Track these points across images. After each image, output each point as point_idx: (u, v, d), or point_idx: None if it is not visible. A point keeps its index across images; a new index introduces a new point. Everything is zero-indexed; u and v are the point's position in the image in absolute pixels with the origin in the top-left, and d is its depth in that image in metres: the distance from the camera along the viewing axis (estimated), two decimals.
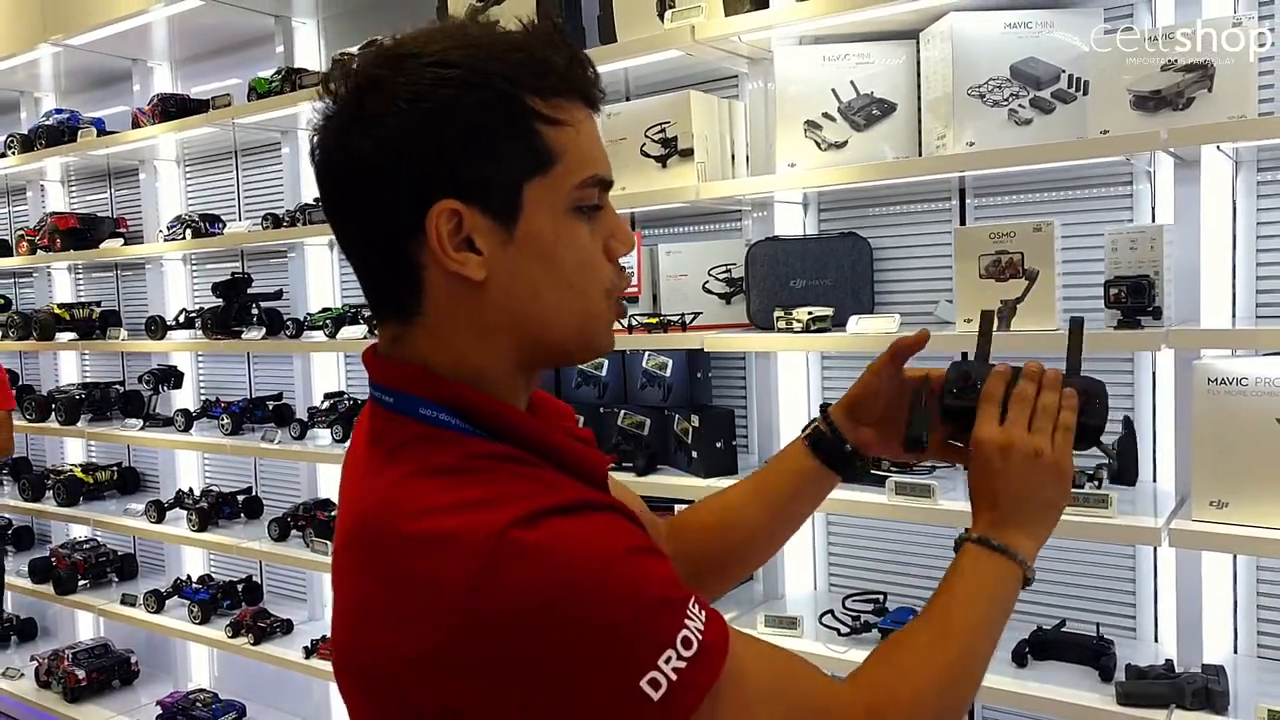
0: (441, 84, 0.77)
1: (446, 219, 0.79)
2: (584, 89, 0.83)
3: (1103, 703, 1.88)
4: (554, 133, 0.80)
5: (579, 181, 0.82)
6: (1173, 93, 1.83)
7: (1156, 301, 1.85)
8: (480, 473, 0.77)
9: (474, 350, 0.83)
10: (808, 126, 2.26)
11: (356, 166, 0.80)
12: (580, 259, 0.83)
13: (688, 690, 0.70)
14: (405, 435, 0.82)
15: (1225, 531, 1.76)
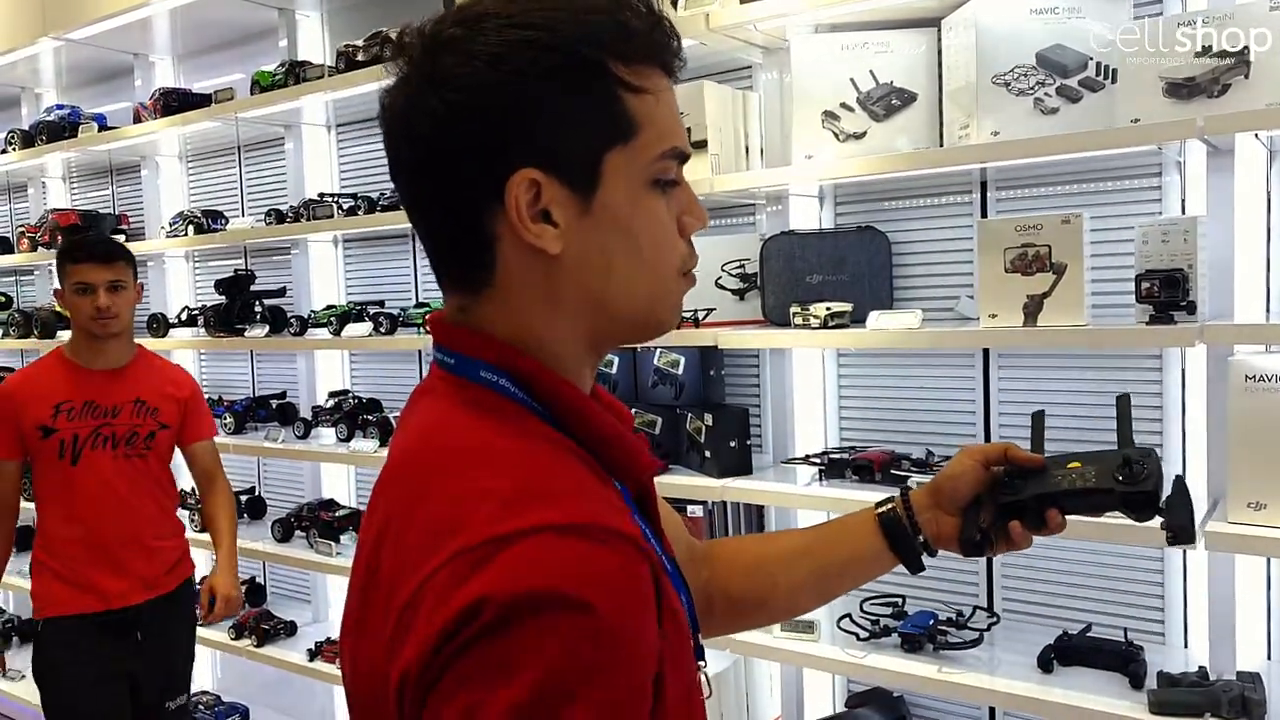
0: (523, 45, 0.73)
1: (526, 189, 0.74)
2: (666, 57, 0.79)
3: (1134, 711, 1.82)
4: (636, 101, 0.76)
5: (659, 153, 0.78)
6: (1208, 79, 1.77)
7: (1190, 295, 1.79)
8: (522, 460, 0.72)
9: (542, 324, 0.79)
10: (825, 117, 2.20)
11: (429, 130, 0.75)
12: (656, 234, 0.79)
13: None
14: (460, 393, 0.79)
15: (1265, 535, 1.70)
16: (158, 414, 2.70)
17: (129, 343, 2.75)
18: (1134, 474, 0.99)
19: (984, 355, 2.31)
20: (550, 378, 0.78)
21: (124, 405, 2.65)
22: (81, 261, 2.58)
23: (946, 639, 2.12)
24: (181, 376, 2.84)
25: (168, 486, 2.81)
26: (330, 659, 3.13)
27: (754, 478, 2.34)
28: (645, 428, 2.54)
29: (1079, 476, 1.01)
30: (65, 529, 2.62)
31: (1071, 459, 1.04)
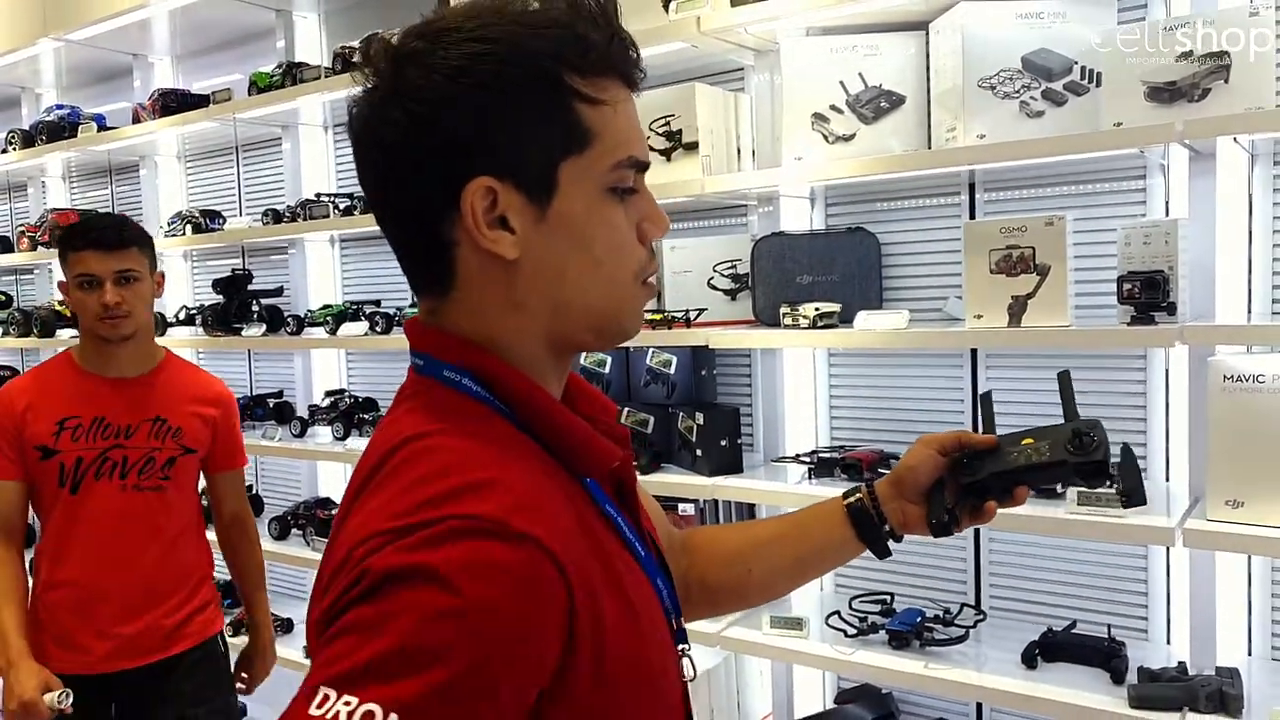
0: (481, 58, 0.76)
1: (482, 196, 0.78)
2: (624, 68, 0.82)
3: (1114, 705, 1.84)
4: (592, 112, 0.79)
5: (615, 162, 0.81)
6: (1188, 84, 1.79)
7: (1170, 297, 1.82)
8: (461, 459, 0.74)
9: (504, 327, 0.82)
10: (815, 119, 2.22)
11: (392, 139, 0.79)
12: (612, 240, 0.82)
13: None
14: (426, 394, 0.82)
15: (1241, 531, 1.73)
16: (181, 435, 2.23)
17: (149, 346, 2.28)
18: (1084, 444, 1.03)
19: (972, 355, 2.33)
20: (511, 376, 0.81)
21: (140, 424, 2.19)
22: (83, 249, 2.14)
23: (933, 636, 2.15)
24: (215, 390, 2.36)
25: (189, 525, 2.30)
26: None
27: (744, 476, 2.37)
28: (638, 426, 2.57)
29: (1033, 452, 1.06)
30: (54, 571, 2.17)
31: (1024, 436, 1.08)
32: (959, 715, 2.40)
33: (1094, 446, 1.03)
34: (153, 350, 2.30)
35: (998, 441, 1.09)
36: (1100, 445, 1.04)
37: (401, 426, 0.80)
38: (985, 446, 1.09)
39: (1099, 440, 1.04)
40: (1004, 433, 1.11)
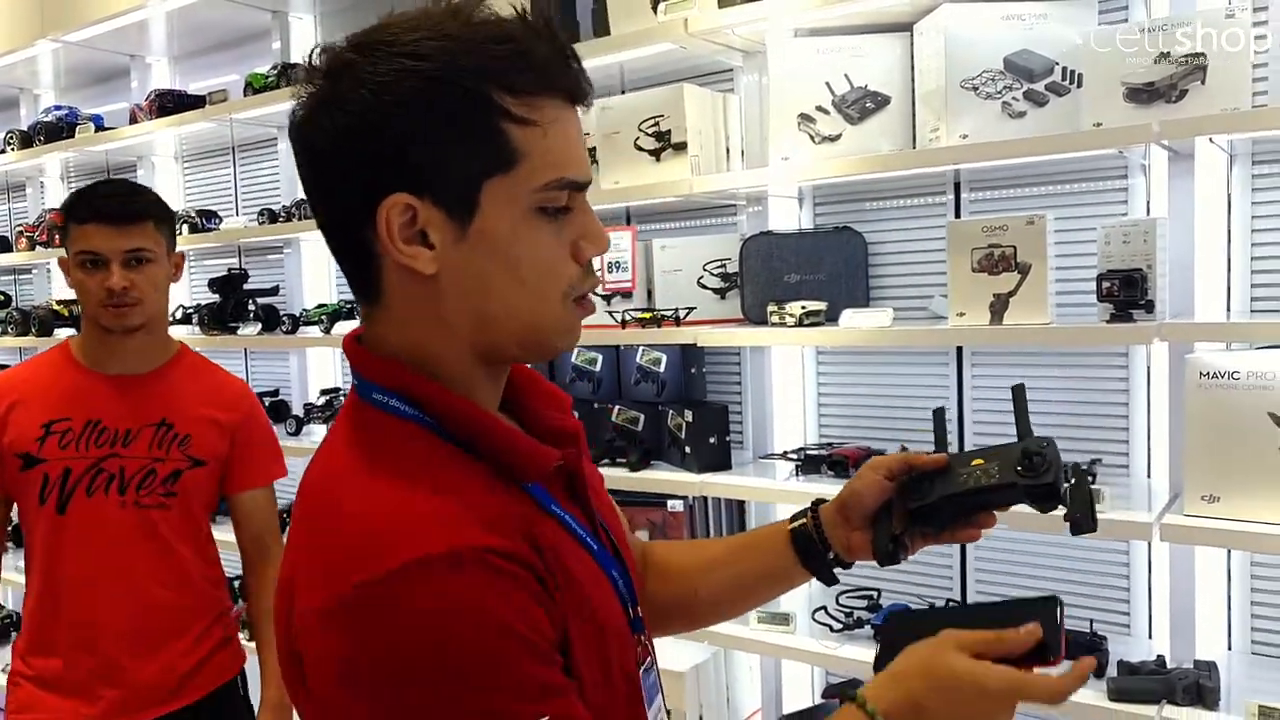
0: (408, 75, 0.76)
1: (399, 212, 0.78)
2: (565, 85, 0.82)
3: (1094, 699, 1.87)
4: (521, 132, 0.79)
5: (543, 184, 0.80)
6: (1166, 85, 1.82)
7: (1149, 295, 1.84)
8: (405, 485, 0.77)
9: (429, 340, 0.83)
10: (801, 119, 2.25)
11: (321, 147, 0.80)
12: (538, 260, 0.82)
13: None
14: (360, 415, 0.85)
15: (1216, 526, 1.75)
16: (189, 444, 1.88)
17: (161, 339, 1.96)
18: (1034, 466, 0.99)
19: (958, 353, 2.36)
20: (438, 394, 0.82)
21: (141, 430, 1.86)
22: (88, 221, 1.81)
23: None
24: (234, 390, 2.02)
25: (200, 552, 1.95)
26: None
27: (733, 473, 2.39)
28: (628, 424, 2.60)
29: (983, 474, 1.02)
30: (39, 607, 1.85)
31: (974, 455, 1.05)
32: None
33: (1044, 468, 0.99)
34: (165, 343, 1.96)
35: (948, 462, 1.05)
36: (1050, 467, 1.00)
37: (326, 456, 0.84)
38: (934, 467, 1.06)
39: (1049, 462, 1.00)
40: (956, 452, 1.08)
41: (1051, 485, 0.99)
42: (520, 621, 0.72)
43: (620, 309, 2.51)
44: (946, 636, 0.88)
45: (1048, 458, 0.99)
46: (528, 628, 0.73)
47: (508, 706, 0.70)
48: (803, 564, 1.11)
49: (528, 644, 0.73)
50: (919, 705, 0.86)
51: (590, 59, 2.46)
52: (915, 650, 0.89)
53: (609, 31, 2.42)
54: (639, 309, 2.50)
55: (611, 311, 2.52)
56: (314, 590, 0.74)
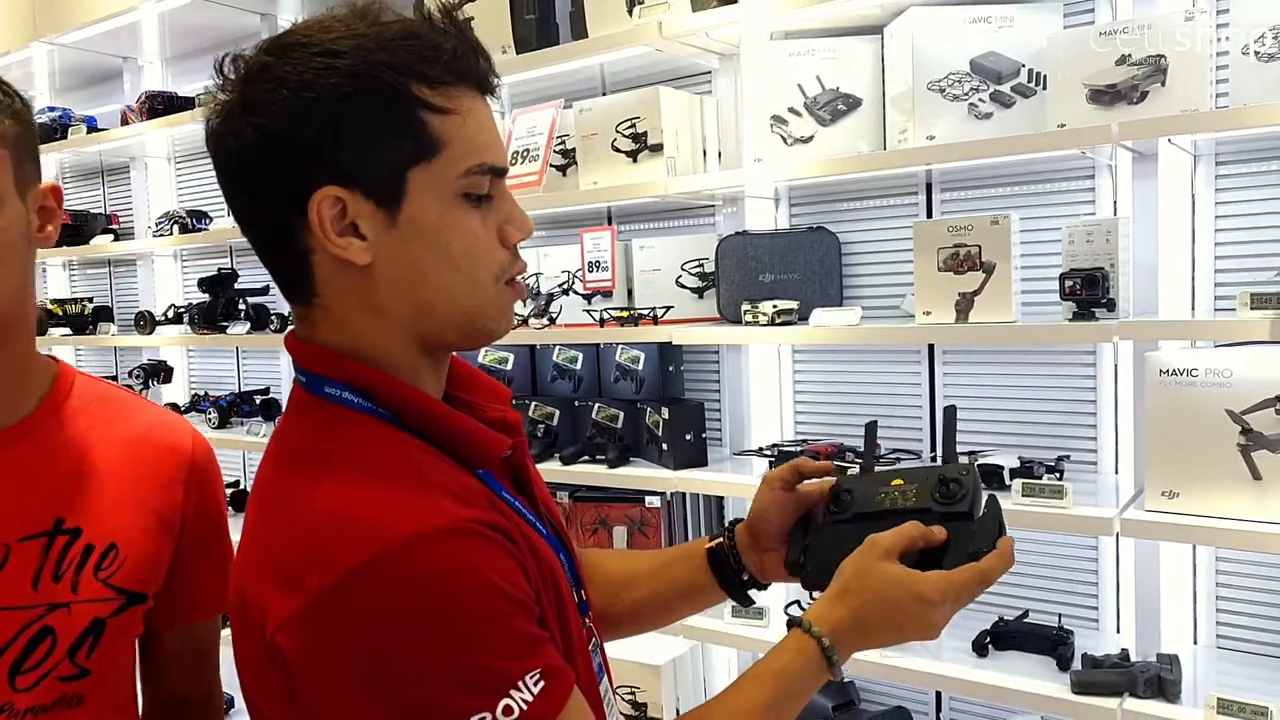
0: (326, 72, 0.79)
1: (330, 205, 0.81)
2: (474, 75, 0.85)
3: (1058, 691, 1.90)
4: (439, 121, 0.82)
5: (465, 169, 0.83)
6: (1127, 86, 1.85)
7: (1111, 294, 1.87)
8: (378, 473, 0.79)
9: (369, 332, 0.85)
10: (774, 121, 2.28)
11: (242, 153, 0.82)
12: (467, 244, 0.84)
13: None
14: (314, 411, 0.86)
15: (1175, 521, 1.78)
16: (115, 562, 1.01)
17: (22, 358, 1.03)
18: (950, 494, 0.99)
19: (929, 351, 2.39)
20: (388, 384, 0.85)
21: (13, 549, 0.97)
22: None
23: None
24: (175, 440, 1.13)
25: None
26: None
27: (709, 469, 2.42)
28: (607, 421, 2.63)
29: (900, 495, 1.02)
30: None
31: (895, 475, 1.04)
32: (918, 702, 2.46)
33: (959, 497, 0.99)
34: (31, 366, 1.05)
35: (865, 477, 1.05)
36: (965, 497, 0.99)
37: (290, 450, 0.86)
38: (823, 473, 1.07)
39: (965, 491, 0.99)
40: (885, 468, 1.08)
41: (966, 514, 0.98)
42: (506, 581, 0.76)
43: (599, 308, 2.54)
44: (872, 544, 0.93)
45: (965, 486, 0.99)
46: (513, 586, 0.77)
47: (505, 664, 0.74)
48: (720, 585, 1.12)
49: (516, 601, 0.77)
50: (860, 620, 0.91)
51: (568, 61, 2.52)
52: (847, 567, 0.94)
53: (587, 34, 2.46)
54: (617, 308, 2.53)
55: (591, 310, 2.55)
56: (298, 586, 0.74)
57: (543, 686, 0.75)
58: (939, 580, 0.91)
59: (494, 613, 0.75)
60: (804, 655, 0.91)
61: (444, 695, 0.72)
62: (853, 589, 0.92)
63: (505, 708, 0.73)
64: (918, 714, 2.42)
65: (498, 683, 0.73)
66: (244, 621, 0.81)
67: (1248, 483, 1.74)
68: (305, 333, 0.89)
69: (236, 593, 0.83)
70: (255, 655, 0.79)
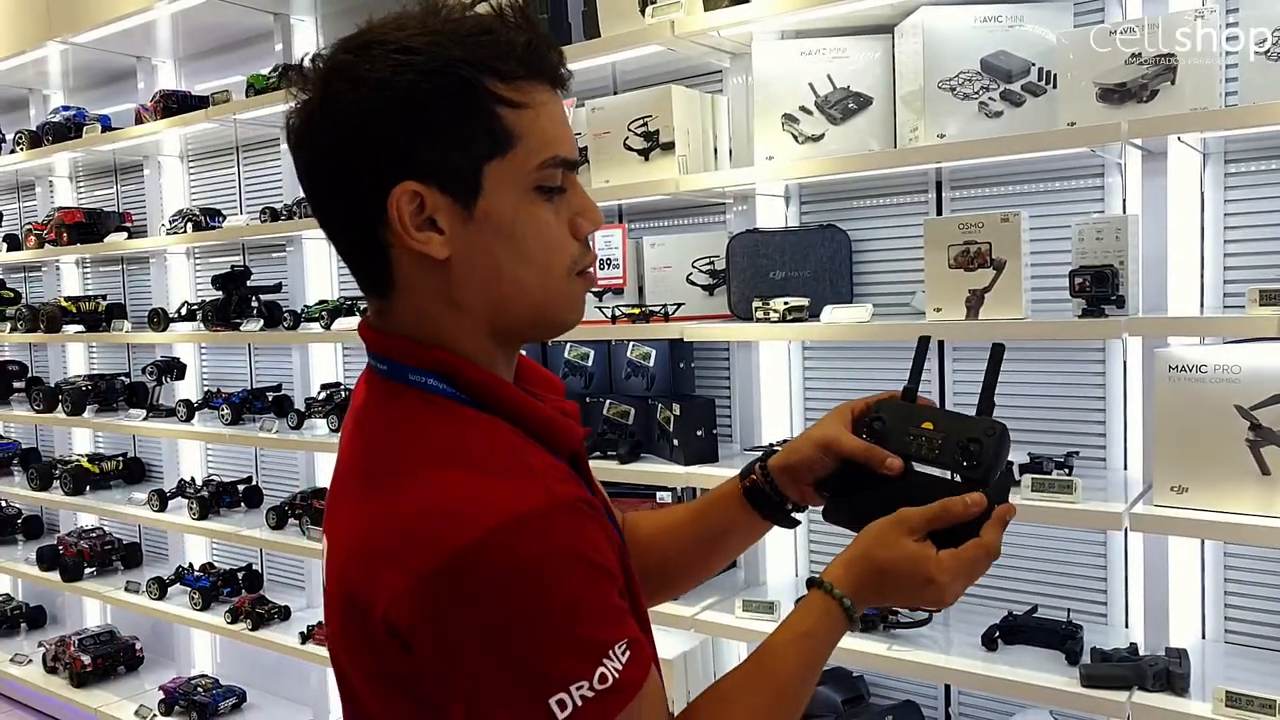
0: (403, 70, 0.80)
1: (408, 200, 0.82)
2: (546, 70, 0.86)
3: (1068, 685, 1.91)
4: (514, 115, 0.83)
5: (539, 162, 0.85)
6: (1137, 85, 1.86)
7: (1120, 290, 1.89)
8: (479, 455, 0.82)
9: (448, 324, 0.88)
10: (785, 120, 2.30)
11: (324, 151, 0.85)
12: (542, 237, 0.86)
13: (590, 718, 0.76)
14: (400, 398, 0.88)
15: (1184, 516, 1.79)
16: None
17: None
18: (970, 455, 0.99)
19: (939, 348, 2.40)
20: (473, 371, 0.87)
21: None
22: None
23: (898, 619, 2.22)
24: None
25: None
26: (322, 642, 3.24)
27: (719, 465, 2.44)
28: (619, 417, 2.65)
29: (927, 443, 1.03)
30: None
31: (927, 416, 1.05)
32: (927, 696, 2.47)
33: (977, 463, 0.99)
34: None
35: (901, 407, 1.07)
36: (983, 464, 0.99)
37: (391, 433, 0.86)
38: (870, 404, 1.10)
39: (986, 458, 0.99)
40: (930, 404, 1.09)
41: (981, 482, 0.99)
42: (600, 555, 0.80)
43: (611, 305, 2.57)
44: (901, 520, 0.97)
45: (986, 450, 0.99)
46: (606, 560, 0.80)
47: (601, 634, 0.78)
48: (761, 516, 1.14)
49: (609, 575, 0.80)
50: (879, 585, 0.96)
51: (580, 61, 2.54)
52: (870, 532, 0.98)
53: (599, 33, 2.48)
54: (628, 304, 2.56)
55: (602, 307, 2.57)
56: (410, 565, 0.76)
57: (630, 656, 0.78)
58: (949, 563, 0.95)
59: (593, 586, 0.78)
60: (829, 616, 0.96)
61: (550, 663, 0.75)
62: (871, 556, 0.97)
63: (601, 676, 0.76)
64: (926, 708, 2.44)
65: (595, 652, 0.77)
66: (351, 609, 0.82)
67: (1256, 478, 1.75)
68: (382, 323, 0.91)
69: (339, 583, 0.84)
70: (366, 640, 0.81)
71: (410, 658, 0.78)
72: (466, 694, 0.77)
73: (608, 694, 0.76)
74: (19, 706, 4.32)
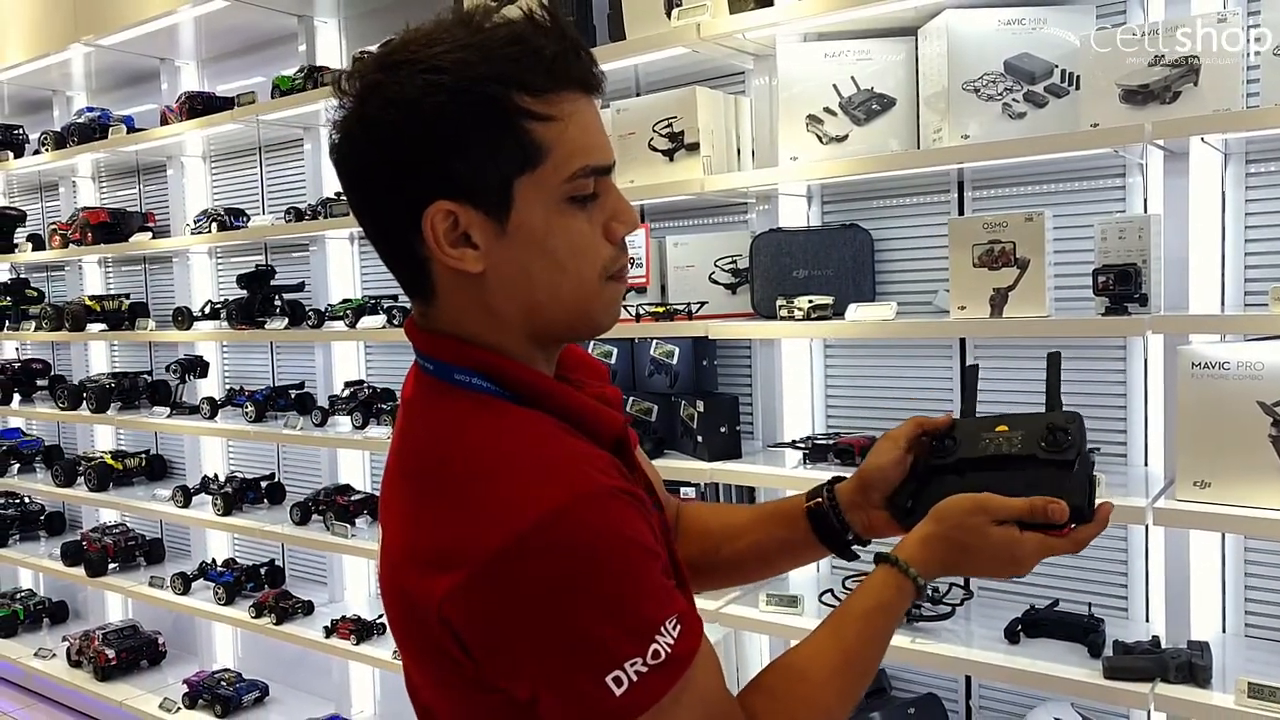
0: (432, 90, 0.81)
1: (442, 219, 0.85)
2: (576, 77, 0.86)
3: (1090, 677, 1.94)
4: (542, 129, 0.84)
5: (569, 174, 0.85)
6: (1160, 87, 1.89)
7: (1143, 289, 1.91)
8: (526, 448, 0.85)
9: (487, 330, 0.90)
10: (809, 121, 2.33)
11: (361, 168, 0.87)
12: (574, 245, 0.87)
13: (646, 692, 0.79)
14: (448, 396, 0.91)
15: (1207, 511, 1.82)
16: None
17: None
18: (1057, 442, 0.97)
19: (961, 345, 2.43)
20: (516, 369, 0.90)
21: None
22: None
23: (921, 612, 2.25)
24: None
25: None
26: (346, 636, 3.29)
27: (743, 461, 2.48)
28: (642, 415, 2.68)
29: (1005, 441, 1.00)
30: None
31: (999, 421, 1.02)
32: (948, 689, 2.51)
33: (1066, 445, 0.96)
34: None
35: (969, 421, 1.04)
36: (1073, 446, 0.96)
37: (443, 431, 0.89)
38: (947, 427, 1.06)
39: (1074, 440, 0.96)
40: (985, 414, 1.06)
41: (1071, 464, 0.97)
42: (644, 537, 0.83)
43: (634, 303, 2.60)
44: (982, 505, 0.97)
45: (1071, 435, 0.97)
46: (650, 541, 0.83)
47: (651, 611, 0.80)
48: (821, 543, 1.14)
49: (654, 555, 0.83)
50: (957, 564, 0.99)
51: (606, 63, 2.55)
52: (951, 512, 0.98)
53: (624, 36, 2.51)
54: (652, 303, 2.59)
55: (626, 306, 2.61)
56: (463, 559, 0.79)
57: (680, 630, 0.81)
58: (1036, 547, 0.97)
59: (640, 566, 0.81)
60: (902, 592, 0.98)
61: (603, 644, 0.78)
62: (951, 538, 0.98)
63: (654, 652, 0.79)
64: (947, 700, 2.47)
65: (647, 630, 0.79)
66: (410, 616, 0.85)
67: (1279, 473, 1.78)
68: (427, 324, 0.93)
69: (395, 593, 0.87)
70: (429, 644, 0.83)
71: (469, 654, 0.81)
72: (530, 677, 0.80)
73: (662, 668, 0.79)
74: (43, 700, 4.38)
